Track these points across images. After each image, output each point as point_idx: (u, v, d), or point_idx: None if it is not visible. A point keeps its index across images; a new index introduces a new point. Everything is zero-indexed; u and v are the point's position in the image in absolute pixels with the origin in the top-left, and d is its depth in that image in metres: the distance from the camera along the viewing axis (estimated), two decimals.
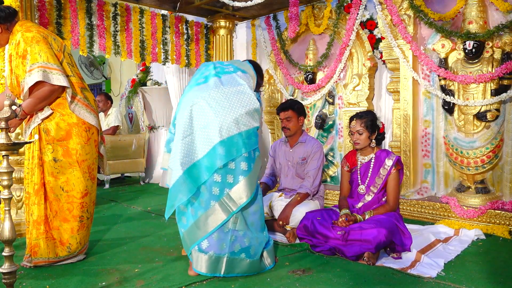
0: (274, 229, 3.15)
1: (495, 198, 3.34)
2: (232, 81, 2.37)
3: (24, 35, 2.38)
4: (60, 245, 2.48)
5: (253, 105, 2.30)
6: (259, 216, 2.36)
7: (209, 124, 2.22)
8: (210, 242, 2.22)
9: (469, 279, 2.20)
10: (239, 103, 2.27)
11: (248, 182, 2.23)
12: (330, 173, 4.59)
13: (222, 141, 2.18)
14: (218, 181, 2.22)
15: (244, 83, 2.37)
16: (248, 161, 2.24)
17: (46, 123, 2.43)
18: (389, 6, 3.73)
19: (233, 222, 2.25)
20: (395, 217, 2.62)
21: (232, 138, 2.20)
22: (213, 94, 2.28)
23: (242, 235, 2.26)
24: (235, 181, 2.22)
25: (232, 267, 2.23)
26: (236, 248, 2.24)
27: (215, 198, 2.22)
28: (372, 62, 4.18)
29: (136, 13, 4.53)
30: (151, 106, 6.29)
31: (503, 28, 3.19)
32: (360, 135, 2.79)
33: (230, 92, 2.30)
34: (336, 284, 2.15)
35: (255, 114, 2.31)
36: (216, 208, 2.22)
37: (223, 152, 2.18)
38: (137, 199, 4.79)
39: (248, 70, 2.51)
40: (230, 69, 2.46)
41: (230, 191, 2.22)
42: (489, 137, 3.33)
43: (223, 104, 2.25)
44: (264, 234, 2.39)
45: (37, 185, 2.42)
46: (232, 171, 2.22)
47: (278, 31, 4.97)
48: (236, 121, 2.22)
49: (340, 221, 2.66)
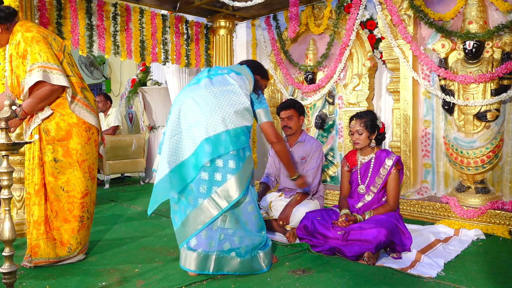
0: (274, 229, 3.16)
1: (495, 198, 3.34)
2: (223, 81, 2.38)
3: (24, 35, 2.38)
4: (61, 246, 2.48)
5: (242, 104, 2.29)
6: (254, 215, 2.34)
7: (196, 123, 2.23)
8: (199, 240, 2.22)
9: (469, 279, 2.20)
10: (227, 102, 2.27)
11: (238, 180, 2.22)
12: (330, 173, 4.59)
13: (208, 138, 2.19)
14: (206, 179, 2.22)
15: (235, 83, 2.36)
16: (236, 159, 2.23)
17: (46, 123, 2.42)
18: (389, 6, 3.73)
19: (222, 220, 2.25)
20: (395, 217, 2.62)
21: (218, 135, 2.20)
22: (202, 93, 2.30)
23: (232, 234, 2.25)
24: (223, 179, 2.21)
25: (221, 265, 2.24)
26: (226, 246, 2.24)
27: (203, 196, 2.22)
28: (372, 62, 4.18)
29: (136, 13, 4.53)
30: (151, 106, 6.29)
31: (503, 28, 3.19)
32: (360, 135, 2.79)
33: (219, 91, 2.31)
34: (336, 284, 2.15)
35: (245, 113, 2.30)
36: (204, 206, 2.22)
37: (210, 149, 2.19)
38: (137, 199, 4.79)
39: (243, 71, 2.50)
40: (224, 71, 2.48)
41: (218, 189, 2.21)
42: (489, 137, 3.33)
43: (210, 103, 2.25)
44: (261, 234, 2.37)
45: (37, 186, 2.42)
46: (220, 169, 2.22)
47: (278, 31, 4.97)
48: (223, 119, 2.22)
49: (340, 221, 2.66)
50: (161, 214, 3.89)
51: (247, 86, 2.43)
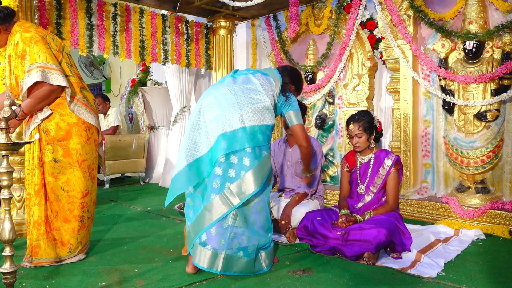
0: (275, 229, 3.15)
1: (495, 198, 3.34)
2: (246, 80, 2.40)
3: (23, 35, 2.38)
4: (61, 246, 2.48)
5: (262, 103, 2.30)
6: (263, 216, 2.33)
7: (215, 119, 2.25)
8: (208, 236, 2.23)
9: (469, 279, 2.20)
10: (246, 100, 2.28)
11: (251, 178, 2.21)
12: (330, 173, 4.59)
13: (224, 134, 2.20)
14: (220, 175, 2.22)
15: (257, 81, 2.38)
16: (251, 157, 2.23)
17: (46, 124, 2.43)
18: (389, 6, 3.73)
19: (232, 218, 2.24)
20: (395, 217, 2.62)
21: (235, 132, 2.21)
22: (223, 91, 2.33)
23: (241, 233, 2.25)
24: (237, 176, 2.22)
25: (229, 265, 2.23)
26: (235, 245, 2.24)
27: (216, 191, 2.23)
28: (372, 62, 4.18)
29: (136, 13, 4.53)
30: (151, 106, 6.29)
31: (503, 28, 3.19)
32: (360, 138, 2.78)
33: (240, 89, 2.33)
34: (336, 284, 2.15)
35: (265, 112, 2.30)
36: (216, 201, 2.22)
37: (225, 145, 2.20)
38: (137, 199, 4.79)
39: (271, 73, 2.52)
40: (250, 71, 2.50)
41: (231, 185, 2.21)
42: (489, 137, 3.33)
43: (230, 100, 2.27)
44: (267, 236, 2.36)
45: (37, 186, 2.42)
46: (234, 166, 2.22)
47: (278, 31, 4.97)
48: (240, 116, 2.22)
49: (340, 221, 2.66)
50: (161, 214, 3.89)
51: (273, 87, 2.43)
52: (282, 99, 2.46)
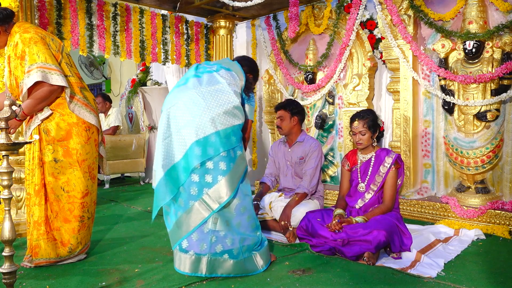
0: (275, 229, 3.16)
1: (495, 198, 3.34)
2: (212, 80, 2.36)
3: (22, 36, 2.38)
4: (61, 246, 2.48)
5: (231, 103, 2.28)
6: (247, 216, 2.32)
7: (186, 125, 2.23)
8: (190, 242, 2.23)
9: (469, 279, 2.20)
10: (216, 102, 2.26)
11: (228, 182, 2.22)
12: (330, 173, 4.59)
13: (197, 141, 2.19)
14: (196, 181, 2.22)
15: (223, 81, 2.35)
16: (227, 160, 2.23)
17: (46, 124, 2.42)
18: (389, 6, 3.73)
19: (213, 222, 2.24)
20: (395, 217, 2.62)
21: (208, 137, 2.20)
22: (190, 95, 2.29)
23: (223, 236, 2.24)
24: (214, 181, 2.21)
25: (214, 267, 2.23)
26: (218, 249, 2.23)
27: (194, 198, 2.23)
28: (372, 62, 4.18)
29: (136, 13, 4.53)
30: (151, 106, 6.30)
31: (503, 28, 3.19)
32: (363, 136, 2.79)
33: (208, 91, 2.30)
34: (336, 284, 2.15)
35: (236, 111, 2.29)
36: (195, 207, 2.22)
37: (200, 152, 2.19)
38: (137, 199, 4.79)
39: (234, 68, 2.49)
40: (213, 68, 2.46)
41: (209, 191, 2.21)
42: (489, 137, 3.33)
43: (199, 104, 2.25)
44: (256, 235, 2.35)
45: (37, 186, 2.42)
46: (210, 171, 2.22)
47: (278, 31, 4.97)
48: (212, 120, 2.21)
49: (333, 223, 2.62)
50: (161, 214, 3.88)
51: (238, 83, 2.42)
52: (245, 97, 2.51)
